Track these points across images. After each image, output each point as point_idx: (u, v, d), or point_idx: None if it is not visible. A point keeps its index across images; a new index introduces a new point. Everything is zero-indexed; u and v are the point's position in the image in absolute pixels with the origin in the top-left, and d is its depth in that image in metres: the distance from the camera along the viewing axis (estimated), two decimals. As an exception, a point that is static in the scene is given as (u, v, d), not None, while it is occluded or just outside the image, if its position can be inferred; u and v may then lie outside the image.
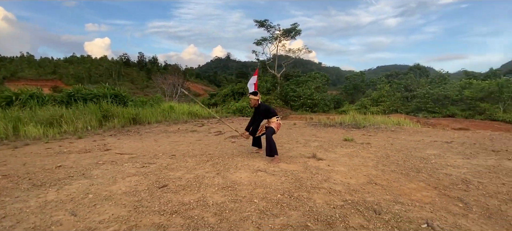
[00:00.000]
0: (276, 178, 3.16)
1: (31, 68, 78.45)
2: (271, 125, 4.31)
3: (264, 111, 4.35)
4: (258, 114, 4.38)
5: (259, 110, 4.36)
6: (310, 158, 4.34)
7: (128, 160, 4.30)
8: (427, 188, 2.96)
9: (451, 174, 3.43)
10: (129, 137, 6.97)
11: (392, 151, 4.91)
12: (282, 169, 3.58)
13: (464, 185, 3.04)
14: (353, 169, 3.66)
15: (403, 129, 7.97)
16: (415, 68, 37.98)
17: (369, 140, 6.16)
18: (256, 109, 4.44)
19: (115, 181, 3.22)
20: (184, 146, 5.52)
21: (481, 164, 3.95)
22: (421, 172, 3.55)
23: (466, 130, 12.03)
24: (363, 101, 23.70)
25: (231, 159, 4.20)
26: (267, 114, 4.36)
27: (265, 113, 4.35)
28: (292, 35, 30.63)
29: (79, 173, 3.58)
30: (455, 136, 6.67)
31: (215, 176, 3.28)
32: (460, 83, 22.06)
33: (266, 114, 4.37)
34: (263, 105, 4.40)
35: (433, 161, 4.13)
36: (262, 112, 4.35)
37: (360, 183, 3.09)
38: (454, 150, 4.91)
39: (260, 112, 4.36)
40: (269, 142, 4.10)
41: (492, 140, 5.98)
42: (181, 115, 12.34)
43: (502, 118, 15.81)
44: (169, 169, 3.69)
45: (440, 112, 18.58)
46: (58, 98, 10.97)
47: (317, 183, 3.00)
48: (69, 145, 5.72)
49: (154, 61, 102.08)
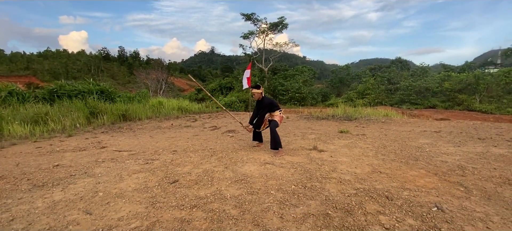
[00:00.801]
0: (285, 170, 3.22)
1: (2, 64, 73.45)
2: (274, 118, 4.34)
3: (268, 105, 4.34)
4: (262, 108, 4.37)
5: (263, 103, 4.34)
6: (312, 150, 4.44)
7: (128, 157, 4.21)
8: (428, 174, 3.13)
9: (447, 161, 3.64)
10: (122, 133, 6.78)
11: (388, 141, 5.11)
12: (288, 161, 3.65)
13: (460, 171, 3.24)
14: (355, 159, 3.79)
15: (392, 120, 8.29)
16: (397, 61, 39.33)
17: (364, 131, 6.37)
18: (260, 103, 4.42)
19: (121, 179, 3.15)
20: (183, 142, 5.45)
21: (471, 151, 4.21)
22: (419, 160, 3.74)
23: (447, 120, 12.70)
24: (349, 94, 24.32)
25: (235, 153, 4.21)
26: (271, 108, 4.38)
27: (269, 107, 4.37)
28: (279, 29, 30.66)
29: (81, 172, 3.47)
30: (442, 126, 7.03)
31: (224, 170, 3.29)
32: (439, 75, 23.15)
33: (270, 108, 4.38)
34: (267, 99, 4.39)
35: (428, 149, 4.36)
36: (266, 106, 4.34)
37: (365, 172, 3.21)
38: (444, 139, 5.19)
39: (264, 106, 4.34)
40: (274, 135, 4.13)
41: (476, 129, 6.38)
42: (171, 111, 12.12)
43: (479, 108, 16.83)
44: (175, 164, 3.65)
45: (422, 104, 19.47)
46: (39, 95, 10.42)
47: (326, 174, 3.09)
48: (61, 143, 5.49)
49: (135, 56, 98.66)
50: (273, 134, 4.14)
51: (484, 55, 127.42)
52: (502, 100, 17.73)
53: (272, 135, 4.15)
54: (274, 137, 4.13)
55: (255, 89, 4.39)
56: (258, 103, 4.46)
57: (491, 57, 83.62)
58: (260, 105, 4.43)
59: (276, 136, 4.15)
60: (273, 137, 4.14)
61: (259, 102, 4.45)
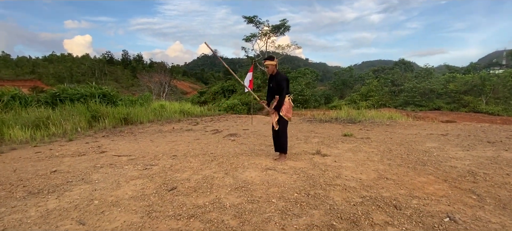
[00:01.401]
0: (287, 176, 3.11)
1: (8, 68, 74.63)
2: (283, 110, 3.78)
3: (280, 82, 3.73)
4: (274, 82, 3.82)
5: (276, 79, 3.80)
6: (315, 154, 4.32)
7: (127, 162, 4.12)
8: (437, 181, 2.99)
9: (456, 166, 3.50)
10: (123, 137, 6.72)
11: (393, 144, 4.97)
12: (290, 167, 3.53)
13: (471, 177, 3.10)
14: (360, 165, 3.66)
15: (397, 123, 8.13)
16: (400, 63, 39.00)
17: (368, 134, 6.22)
18: (272, 78, 3.88)
19: (119, 185, 3.06)
20: (183, 146, 5.36)
21: (481, 155, 4.06)
22: (427, 165, 3.59)
23: (453, 122, 12.47)
24: (352, 97, 24.12)
25: (235, 158, 4.10)
26: (282, 89, 3.71)
27: (281, 85, 3.71)
28: (281, 31, 30.61)
29: (78, 178, 3.38)
30: (449, 128, 6.86)
31: (224, 176, 3.18)
32: (444, 77, 22.86)
33: (280, 87, 3.73)
34: (280, 75, 3.80)
35: (435, 153, 4.21)
36: (278, 82, 3.76)
37: (371, 178, 3.08)
38: (452, 142, 5.03)
39: (277, 81, 3.77)
40: (284, 137, 3.85)
41: (484, 131, 6.19)
42: (173, 114, 12.06)
43: (485, 110, 16.54)
44: (174, 170, 3.55)
45: (426, 106, 19.21)
46: (42, 99, 10.43)
47: (330, 180, 2.97)
48: (61, 148, 5.43)
49: (138, 59, 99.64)
50: (284, 137, 3.87)
51: (489, 56, 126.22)
52: (509, 101, 17.43)
53: (282, 136, 3.85)
54: (284, 139, 3.87)
55: (269, 60, 3.81)
56: (270, 79, 3.94)
57: (495, 58, 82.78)
58: (271, 79, 3.91)
59: (286, 138, 3.90)
60: (283, 139, 3.86)
61: (271, 77, 3.92)
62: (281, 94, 3.76)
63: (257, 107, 22.88)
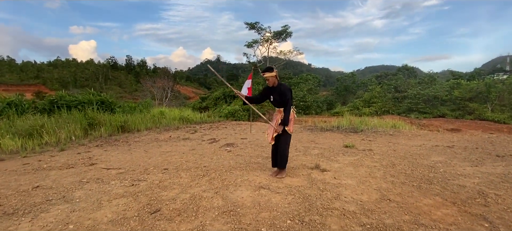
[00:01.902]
0: (281, 197, 2.87)
1: (13, 73, 75.55)
2: (290, 127, 3.57)
3: (284, 93, 3.47)
4: (277, 94, 3.53)
5: (279, 90, 3.50)
6: (314, 169, 4.08)
7: (115, 177, 3.92)
8: (445, 203, 2.74)
9: (465, 185, 3.24)
10: (117, 147, 6.53)
11: (397, 158, 4.71)
12: (286, 185, 3.29)
13: (482, 199, 2.84)
14: (362, 182, 3.42)
15: (401, 132, 7.86)
16: (404, 69, 38.67)
17: (370, 145, 5.97)
18: (274, 89, 3.55)
19: (100, 205, 2.85)
20: (177, 157, 5.15)
21: (491, 172, 3.79)
22: (433, 183, 3.34)
23: (458, 131, 12.14)
24: (355, 103, 23.82)
25: (229, 173, 3.88)
26: (286, 101, 3.48)
27: (285, 97, 3.48)
28: (283, 37, 30.58)
29: (59, 196, 3.18)
30: (455, 139, 6.58)
31: (214, 196, 2.95)
32: (448, 83, 22.50)
33: (284, 99, 3.49)
34: (283, 86, 3.55)
35: (442, 169, 3.95)
36: (281, 93, 3.49)
37: (373, 200, 2.84)
38: (459, 156, 4.76)
39: (280, 93, 3.50)
40: (285, 152, 3.60)
41: (493, 143, 5.91)
42: (172, 121, 11.90)
43: (491, 118, 16.15)
44: (162, 187, 3.34)
45: (431, 113, 18.84)
46: (39, 106, 10.34)
47: (328, 203, 2.73)
48: (50, 159, 5.25)
49: (142, 65, 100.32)
50: (285, 151, 3.59)
51: (492, 62, 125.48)
52: (515, 109, 17.03)
53: (283, 151, 3.59)
54: (285, 154, 3.60)
55: (268, 72, 3.47)
56: (270, 90, 3.57)
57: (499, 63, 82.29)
58: (273, 92, 3.54)
59: (287, 153, 3.65)
60: (283, 154, 3.60)
61: (272, 89, 3.55)
62: (286, 107, 3.50)
63: (257, 114, 22.66)
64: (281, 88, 3.52)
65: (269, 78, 3.53)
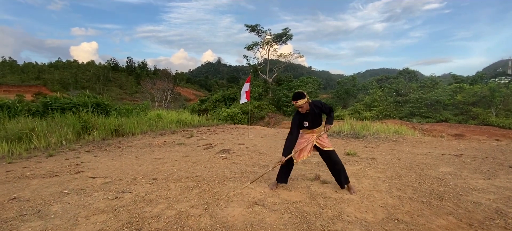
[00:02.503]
0: (277, 216, 2.58)
1: (14, 74, 75.62)
2: (324, 141, 3.27)
3: (320, 111, 3.21)
4: (312, 116, 3.20)
5: (314, 113, 3.18)
6: (313, 180, 3.79)
7: (99, 187, 3.63)
8: (460, 225, 2.45)
9: (480, 203, 2.94)
10: (108, 153, 6.25)
11: (402, 168, 4.41)
12: (282, 200, 3.00)
13: (501, 220, 2.54)
14: (365, 197, 3.12)
15: (404, 139, 7.55)
16: (405, 72, 38.32)
17: (373, 153, 5.67)
18: (307, 116, 3.20)
19: (75, 223, 2.56)
20: (169, 165, 4.87)
21: (506, 185, 3.49)
22: (444, 200, 3.04)
23: (462, 136, 11.82)
24: (356, 106, 23.50)
25: (221, 185, 3.59)
26: (326, 113, 3.26)
27: (322, 112, 3.25)
28: (283, 40, 30.38)
29: (34, 210, 2.89)
30: (462, 147, 6.27)
31: (202, 214, 2.66)
32: (451, 87, 22.18)
33: (321, 116, 3.27)
34: (315, 103, 3.19)
35: (452, 182, 3.65)
36: (318, 113, 3.20)
37: (379, 219, 2.54)
38: (469, 167, 4.46)
39: (316, 114, 3.19)
40: (342, 166, 3.28)
41: (503, 152, 5.61)
42: (168, 124, 11.63)
43: (496, 123, 15.81)
44: (147, 201, 3.05)
45: (433, 117, 18.50)
46: (33, 108, 10.07)
47: (328, 224, 2.43)
48: (35, 166, 4.97)
49: (143, 66, 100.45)
50: (340, 164, 3.26)
51: (494, 65, 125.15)
52: (520, 114, 16.68)
53: (342, 165, 3.27)
54: (342, 167, 3.27)
55: (300, 100, 3.04)
56: (303, 117, 3.21)
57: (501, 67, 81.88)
58: (307, 118, 3.21)
59: (343, 165, 3.30)
60: (343, 168, 3.27)
61: (305, 115, 3.20)
62: (329, 114, 3.23)
63: (257, 116, 22.40)
64: (315, 111, 3.17)
65: (303, 106, 3.08)
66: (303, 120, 3.22)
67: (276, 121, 21.47)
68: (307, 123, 3.23)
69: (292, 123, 3.26)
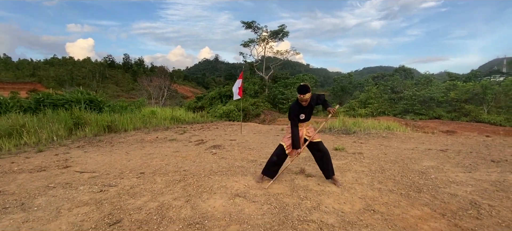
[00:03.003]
0: (256, 207, 2.63)
1: (8, 71, 74.75)
2: (311, 133, 3.36)
3: (314, 104, 3.28)
4: (309, 109, 3.29)
5: (310, 106, 3.26)
6: (298, 173, 3.85)
7: (86, 181, 3.66)
8: (434, 215, 2.52)
9: (457, 194, 3.02)
10: (99, 148, 6.26)
11: (387, 162, 4.49)
12: (265, 192, 3.06)
13: (474, 210, 2.62)
14: (346, 189, 3.19)
15: (394, 135, 7.65)
16: (400, 69, 38.56)
17: (361, 148, 5.75)
18: (306, 108, 3.26)
19: (58, 214, 2.60)
20: (158, 160, 4.90)
21: (485, 179, 3.58)
22: (422, 192, 3.12)
23: (453, 133, 11.96)
24: (351, 103, 23.64)
25: (207, 178, 3.64)
26: (321, 103, 3.31)
27: (315, 104, 3.32)
28: (279, 37, 30.35)
29: (17, 203, 2.92)
30: (449, 142, 6.37)
31: (183, 205, 2.71)
32: (445, 84, 22.38)
33: (314, 107, 3.35)
34: (313, 98, 3.25)
35: (433, 175, 3.73)
36: (312, 106, 3.28)
37: (356, 210, 2.61)
38: (452, 161, 4.55)
39: (311, 107, 3.28)
40: (329, 158, 3.33)
41: (487, 147, 5.71)
42: (162, 121, 11.62)
43: (487, 120, 16.01)
44: (131, 194, 3.09)
45: (426, 114, 18.68)
46: (25, 105, 10.03)
47: (306, 214, 2.49)
48: (24, 161, 4.97)
49: (140, 63, 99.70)
50: (328, 155, 3.32)
51: (489, 64, 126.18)
52: (511, 111, 16.90)
53: (327, 157, 3.31)
54: (330, 159, 3.33)
55: (307, 94, 3.07)
56: (303, 109, 3.25)
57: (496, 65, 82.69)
58: (305, 110, 3.26)
59: (330, 157, 3.35)
60: (329, 160, 3.33)
61: (304, 108, 3.24)
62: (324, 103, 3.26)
63: (253, 114, 22.44)
64: (311, 104, 3.23)
65: (308, 98, 3.14)
66: (300, 113, 3.26)
67: (271, 118, 21.53)
68: (303, 116, 3.28)
69: (292, 116, 3.27)
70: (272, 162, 3.43)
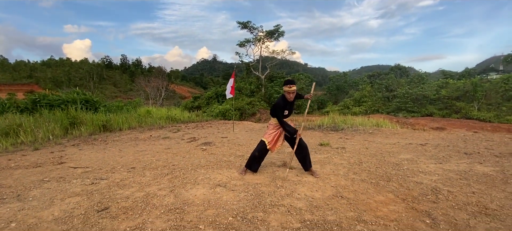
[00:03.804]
0: (234, 195, 2.87)
1: (5, 72, 74.48)
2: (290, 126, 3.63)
3: (296, 100, 3.59)
4: (293, 104, 3.56)
5: (293, 102, 3.53)
6: (280, 167, 4.09)
7: (79, 176, 3.88)
8: (395, 200, 2.76)
9: (422, 182, 3.27)
10: (93, 146, 6.47)
11: (366, 156, 4.74)
12: (245, 182, 3.29)
13: (433, 195, 2.87)
14: (322, 180, 3.43)
15: (380, 131, 7.91)
16: (396, 68, 38.95)
17: (345, 144, 6.00)
18: (291, 103, 3.50)
19: (51, 204, 2.81)
20: (149, 156, 5.12)
21: (453, 169, 3.83)
22: (391, 181, 3.36)
23: (442, 129, 12.25)
24: (346, 102, 23.93)
25: (193, 171, 3.86)
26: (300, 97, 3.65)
27: (297, 100, 3.66)
28: (275, 37, 30.56)
29: (13, 195, 3.13)
30: (430, 137, 6.64)
31: (167, 195, 2.94)
32: (437, 82, 22.73)
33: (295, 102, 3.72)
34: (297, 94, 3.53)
35: (406, 167, 3.98)
36: (295, 101, 3.60)
37: (325, 197, 2.85)
38: (428, 154, 4.81)
39: (294, 103, 3.55)
40: (307, 150, 3.63)
41: (465, 141, 5.98)
42: (158, 120, 11.83)
43: (477, 116, 16.35)
44: (120, 186, 3.31)
45: (419, 112, 19.01)
46: (21, 105, 10.21)
47: (278, 200, 2.73)
48: (20, 159, 5.18)
49: (137, 64, 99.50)
50: (307, 149, 3.60)
51: (486, 62, 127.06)
52: (501, 108, 17.26)
53: (306, 150, 3.59)
54: (308, 152, 3.62)
55: (295, 86, 3.28)
56: (288, 104, 3.44)
57: (493, 63, 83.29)
58: (290, 105, 3.47)
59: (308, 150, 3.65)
60: (308, 153, 3.61)
61: (288, 104, 3.43)
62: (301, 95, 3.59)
63: (249, 113, 22.66)
64: (294, 100, 3.47)
65: (295, 90, 3.34)
66: (285, 109, 3.44)
67: (267, 117, 21.77)
68: (286, 112, 3.47)
69: (279, 111, 3.41)
70: (254, 157, 3.65)
